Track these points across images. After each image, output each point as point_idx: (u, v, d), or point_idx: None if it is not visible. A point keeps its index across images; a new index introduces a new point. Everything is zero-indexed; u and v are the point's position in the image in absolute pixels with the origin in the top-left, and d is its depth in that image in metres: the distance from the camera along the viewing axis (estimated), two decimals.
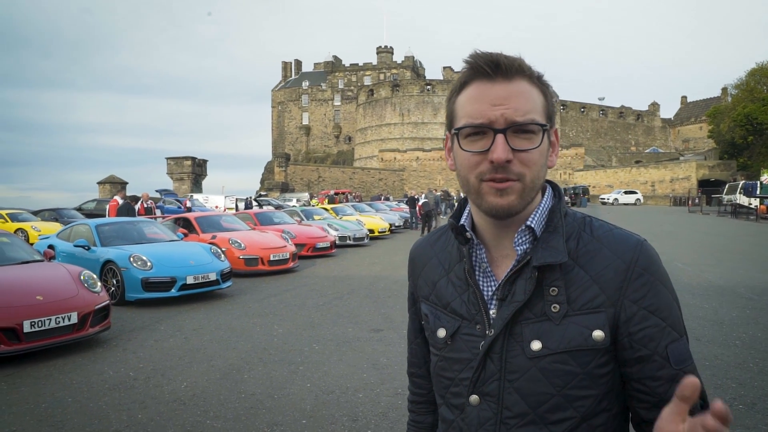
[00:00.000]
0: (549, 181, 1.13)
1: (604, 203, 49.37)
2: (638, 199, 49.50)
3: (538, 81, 1.04)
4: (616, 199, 49.53)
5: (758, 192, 32.25)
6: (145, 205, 16.12)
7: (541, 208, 1.08)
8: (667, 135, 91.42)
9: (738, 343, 6.07)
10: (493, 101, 0.99)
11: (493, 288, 1.08)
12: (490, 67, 1.00)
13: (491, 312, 1.07)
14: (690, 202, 42.25)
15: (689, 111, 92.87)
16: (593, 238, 1.06)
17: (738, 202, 32.23)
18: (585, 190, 48.68)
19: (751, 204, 30.63)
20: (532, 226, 1.05)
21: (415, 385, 1.36)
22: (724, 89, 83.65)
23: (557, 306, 1.01)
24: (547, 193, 1.11)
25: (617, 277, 1.01)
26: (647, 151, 78.54)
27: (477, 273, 1.11)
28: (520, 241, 1.06)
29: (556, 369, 1.01)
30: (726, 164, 51.61)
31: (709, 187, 47.08)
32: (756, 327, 6.73)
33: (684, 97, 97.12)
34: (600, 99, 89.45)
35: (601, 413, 1.03)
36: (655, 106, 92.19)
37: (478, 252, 1.11)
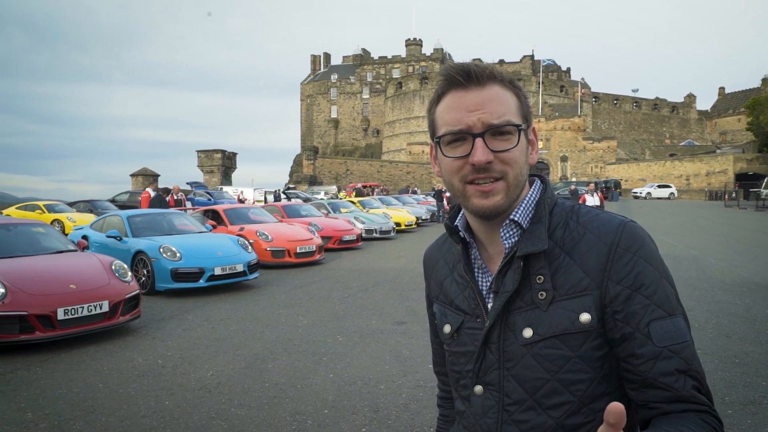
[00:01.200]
0: (538, 175, 1.19)
1: (636, 197, 48.34)
2: (672, 193, 48.28)
3: (510, 84, 1.09)
4: (649, 193, 48.38)
5: None
6: (176, 197, 16.45)
7: (525, 202, 1.12)
8: (704, 127, 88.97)
9: None
10: (469, 107, 1.05)
11: (489, 282, 1.14)
12: (462, 77, 1.06)
13: (489, 305, 1.12)
14: (726, 197, 41.06)
15: (727, 102, 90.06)
16: (579, 224, 1.09)
17: None
18: (617, 184, 47.69)
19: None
20: (516, 219, 1.09)
21: (441, 382, 1.43)
22: (765, 80, 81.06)
23: (543, 293, 1.06)
24: (534, 186, 1.16)
25: (600, 259, 1.04)
26: (682, 144, 76.50)
27: (475, 270, 1.17)
28: (507, 235, 1.11)
29: (548, 354, 1.04)
30: (765, 157, 49.92)
31: (746, 181, 45.61)
32: None
33: (722, 88, 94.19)
34: (634, 91, 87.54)
35: (601, 397, 1.04)
36: (691, 98, 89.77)
37: (473, 250, 1.17)
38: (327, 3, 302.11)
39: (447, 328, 1.20)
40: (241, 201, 30.10)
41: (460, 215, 1.19)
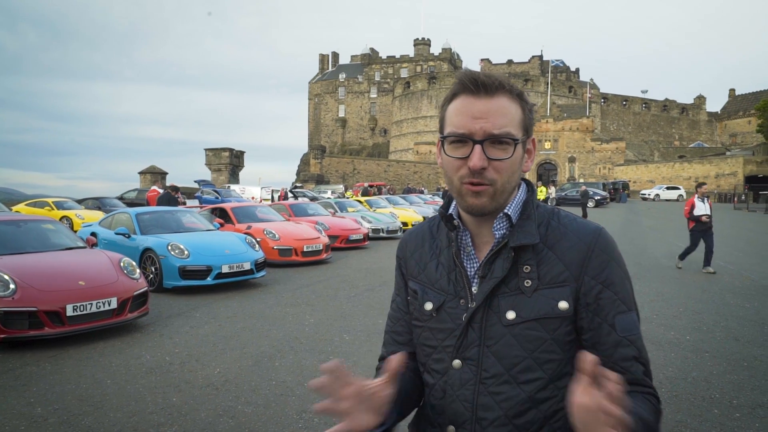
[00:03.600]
0: (525, 180, 1.31)
1: (644, 199, 48.10)
2: (681, 195, 47.91)
3: (517, 97, 1.20)
4: (657, 194, 48.10)
5: None
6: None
7: (516, 200, 1.26)
8: (713, 129, 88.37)
9: None
10: (475, 114, 1.16)
11: (476, 268, 1.26)
12: (474, 85, 1.17)
13: (474, 288, 1.24)
14: (736, 199, 40.78)
15: (737, 104, 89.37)
16: (560, 224, 1.25)
17: None
18: (625, 185, 47.39)
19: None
20: (509, 213, 1.23)
21: (389, 347, 1.41)
22: None
23: (529, 281, 1.19)
24: (521, 188, 1.29)
25: (579, 256, 1.19)
26: (692, 145, 75.93)
27: (463, 255, 1.28)
28: (499, 226, 1.24)
29: (527, 335, 1.18)
30: None
31: (756, 184, 45.25)
32: None
33: (732, 90, 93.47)
34: (643, 92, 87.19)
35: (565, 376, 1.18)
36: (701, 100, 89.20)
37: (464, 237, 1.28)
38: (337, 3, 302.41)
39: (428, 306, 1.29)
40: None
41: (453, 205, 1.30)
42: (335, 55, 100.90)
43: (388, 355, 1.40)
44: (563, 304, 1.17)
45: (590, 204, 30.53)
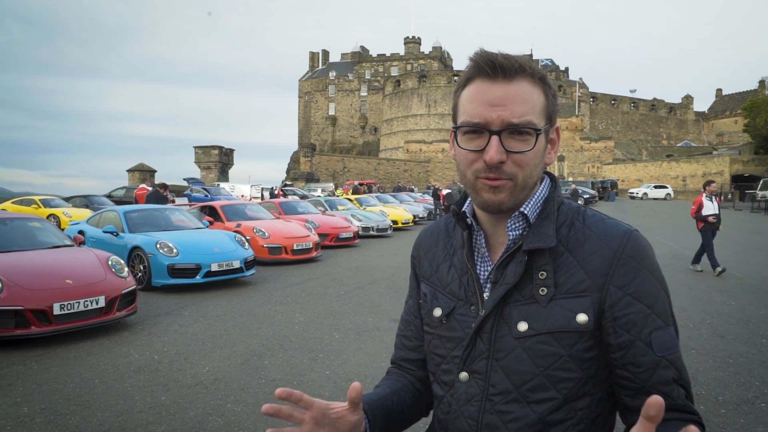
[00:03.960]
0: (548, 173, 1.17)
1: (632, 197, 48.46)
2: (668, 194, 48.39)
3: (540, 81, 1.07)
4: (645, 193, 48.52)
5: None
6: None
7: (535, 197, 1.11)
8: (701, 129, 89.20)
9: (764, 341, 5.95)
10: (492, 101, 1.02)
11: (489, 271, 1.13)
12: (490, 68, 1.03)
13: (485, 294, 1.12)
14: (722, 198, 41.23)
15: (724, 104, 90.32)
16: (585, 226, 1.09)
17: None
18: (613, 184, 47.81)
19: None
20: (525, 212, 1.09)
21: (400, 369, 1.34)
22: (762, 82, 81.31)
23: (545, 289, 1.05)
24: (544, 183, 1.15)
25: (604, 263, 1.04)
26: (679, 144, 76.68)
27: (476, 257, 1.16)
28: (513, 226, 1.10)
29: (540, 349, 1.04)
30: (761, 159, 50.11)
31: (742, 183, 45.82)
32: None
33: (719, 90, 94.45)
34: (631, 91, 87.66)
35: (584, 396, 1.05)
36: (688, 99, 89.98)
37: (478, 238, 1.16)
38: (327, 1, 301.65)
39: (437, 312, 1.18)
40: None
41: (467, 202, 1.18)
42: (325, 53, 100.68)
43: (398, 359, 1.35)
44: (582, 317, 1.03)
45: (579, 202, 30.74)
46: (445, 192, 21.94)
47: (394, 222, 20.13)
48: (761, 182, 36.68)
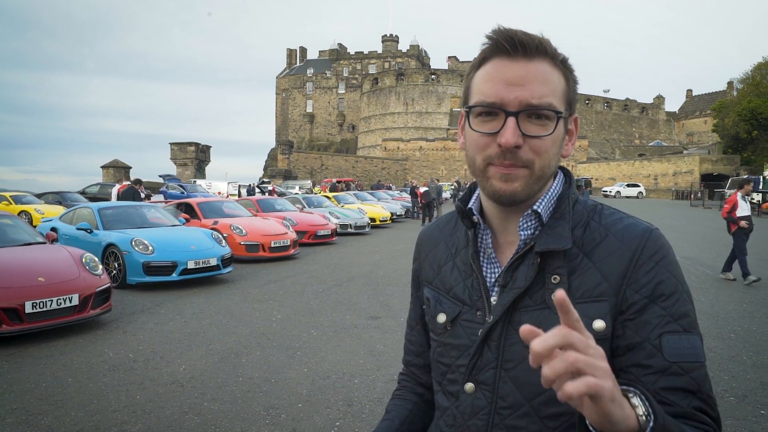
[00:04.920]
0: (562, 168, 1.09)
1: (606, 196, 49.28)
2: (640, 192, 49.42)
3: (561, 64, 0.99)
4: (618, 191, 49.49)
5: (761, 187, 32.19)
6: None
7: (549, 194, 1.03)
8: (672, 128, 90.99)
9: (732, 336, 6.12)
10: (510, 80, 0.94)
11: (497, 274, 1.05)
12: (510, 44, 0.94)
13: (492, 299, 1.04)
14: (692, 196, 42.16)
15: (694, 105, 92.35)
16: (601, 225, 1.01)
17: None
18: (588, 183, 48.58)
19: (753, 199, 30.56)
20: (539, 210, 1.01)
21: (408, 374, 1.31)
22: (730, 83, 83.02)
23: None
24: (557, 179, 1.07)
25: (621, 265, 0.96)
26: (651, 144, 78.24)
27: (482, 258, 1.08)
28: (525, 225, 1.02)
29: None
30: (729, 159, 51.42)
31: (711, 182, 46.97)
32: (751, 320, 6.78)
33: (689, 91, 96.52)
34: (605, 91, 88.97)
35: None
36: (660, 99, 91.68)
37: (484, 237, 1.08)
38: None
39: (441, 318, 1.10)
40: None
41: (474, 198, 1.11)
42: (303, 50, 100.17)
43: (406, 363, 1.31)
44: (599, 324, 0.94)
45: None
46: (422, 190, 22.02)
47: (372, 220, 20.15)
48: (729, 181, 37.58)
